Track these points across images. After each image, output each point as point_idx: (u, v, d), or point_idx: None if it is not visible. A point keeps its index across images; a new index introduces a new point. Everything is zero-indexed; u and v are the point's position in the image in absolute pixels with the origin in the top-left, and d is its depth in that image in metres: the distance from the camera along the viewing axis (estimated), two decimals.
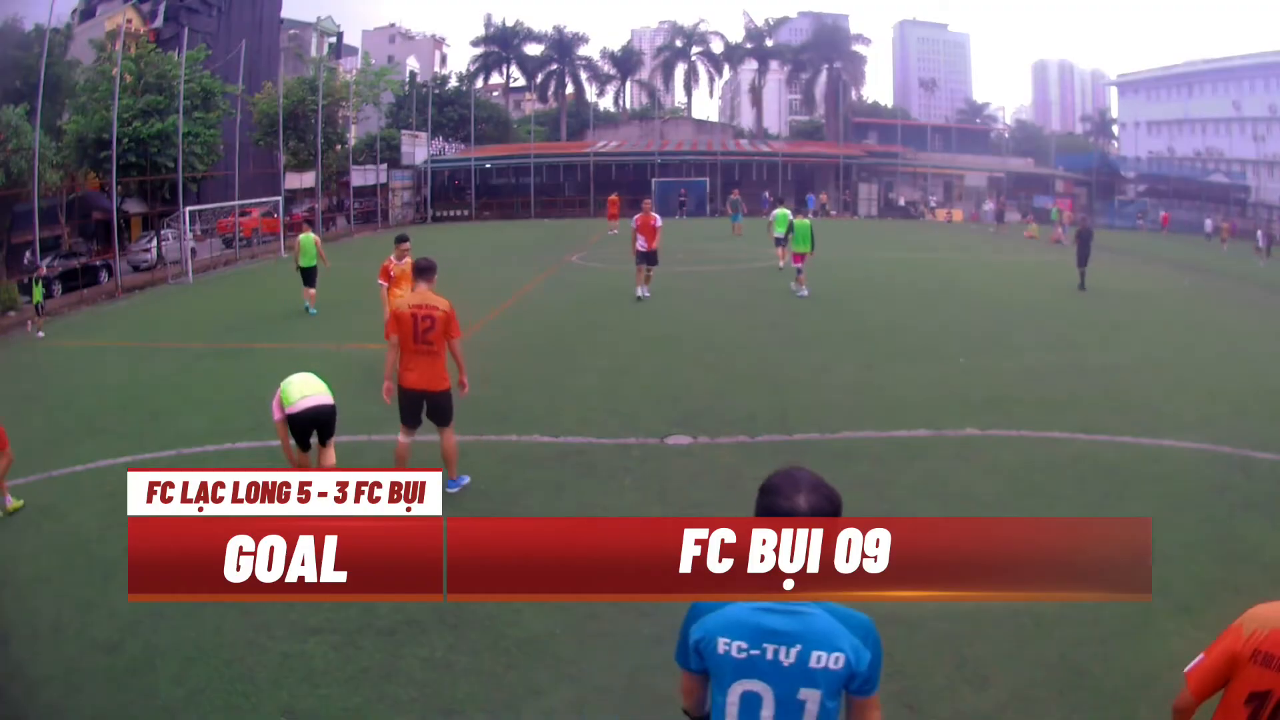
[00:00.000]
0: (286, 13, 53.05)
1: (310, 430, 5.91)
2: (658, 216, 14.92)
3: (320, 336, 12.40)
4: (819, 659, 1.92)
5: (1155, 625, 4.28)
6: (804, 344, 11.44)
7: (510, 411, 8.24)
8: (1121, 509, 5.78)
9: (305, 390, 5.89)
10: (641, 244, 14.54)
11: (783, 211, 18.36)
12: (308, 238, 15.12)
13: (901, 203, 48.02)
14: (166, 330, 14.42)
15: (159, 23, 40.54)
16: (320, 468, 5.74)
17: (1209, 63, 52.49)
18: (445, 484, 5.31)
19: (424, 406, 5.99)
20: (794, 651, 1.92)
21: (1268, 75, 47.34)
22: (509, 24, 58.78)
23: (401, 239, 10.08)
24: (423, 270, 6.10)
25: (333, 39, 61.09)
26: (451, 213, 43.14)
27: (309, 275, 14.94)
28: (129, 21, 34.86)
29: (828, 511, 1.94)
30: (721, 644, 1.97)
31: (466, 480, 6.24)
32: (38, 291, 15.34)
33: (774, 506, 1.93)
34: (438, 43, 76.43)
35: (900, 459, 6.87)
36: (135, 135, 23.61)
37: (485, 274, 17.11)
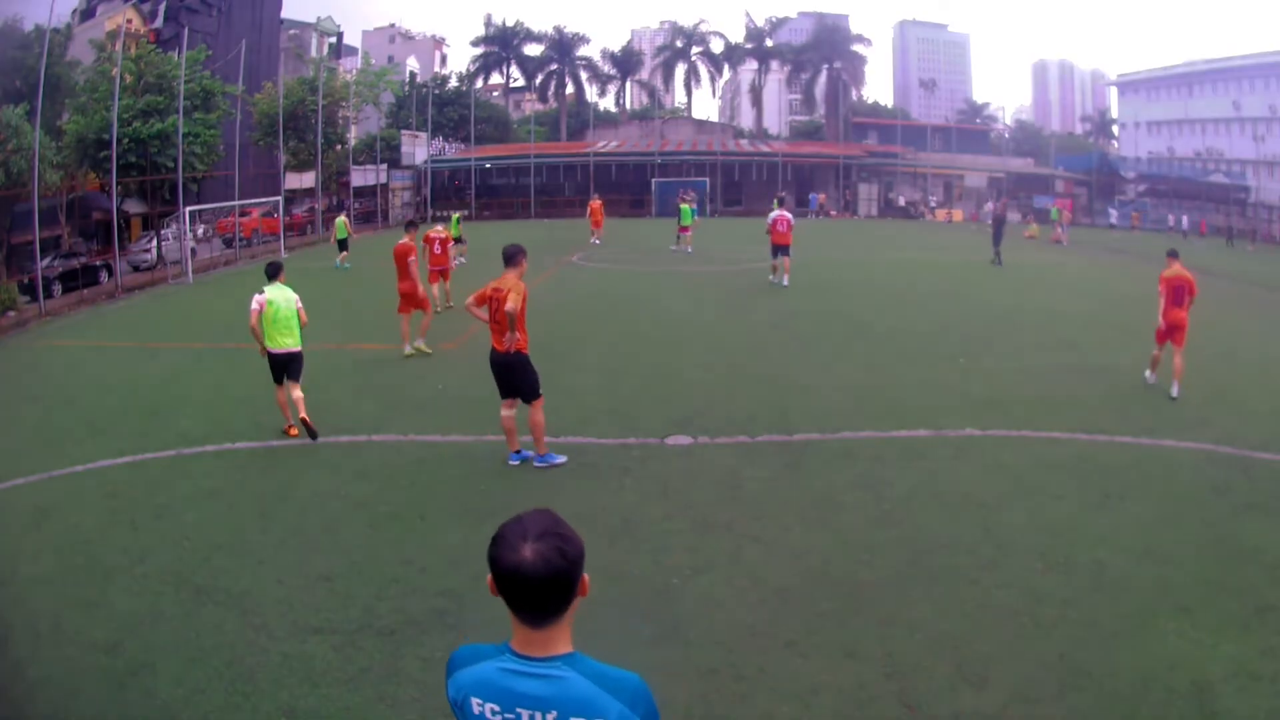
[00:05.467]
0: (286, 13, 53.21)
1: (283, 367, 7.65)
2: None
3: (321, 337, 12.37)
4: None
5: (1155, 625, 4.29)
6: (804, 344, 11.44)
7: None
8: (1121, 509, 5.79)
9: (282, 341, 7.63)
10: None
11: (685, 206, 24.23)
12: (340, 220, 23.11)
13: (901, 203, 48.02)
14: (166, 330, 14.40)
15: (159, 23, 40.61)
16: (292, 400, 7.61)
17: (1209, 63, 52.58)
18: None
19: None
20: (550, 717, 1.65)
21: (1268, 75, 47.42)
22: (509, 24, 59.05)
23: (413, 224, 12.48)
24: (507, 257, 7.00)
25: (333, 39, 61.16)
26: (451, 213, 43.08)
27: (343, 244, 22.27)
28: (129, 21, 34.90)
29: (558, 564, 1.63)
30: (475, 704, 1.71)
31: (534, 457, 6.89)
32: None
33: (498, 559, 1.63)
34: (438, 43, 76.51)
35: (900, 459, 6.86)
36: (135, 135, 23.57)
37: (486, 274, 17.03)
